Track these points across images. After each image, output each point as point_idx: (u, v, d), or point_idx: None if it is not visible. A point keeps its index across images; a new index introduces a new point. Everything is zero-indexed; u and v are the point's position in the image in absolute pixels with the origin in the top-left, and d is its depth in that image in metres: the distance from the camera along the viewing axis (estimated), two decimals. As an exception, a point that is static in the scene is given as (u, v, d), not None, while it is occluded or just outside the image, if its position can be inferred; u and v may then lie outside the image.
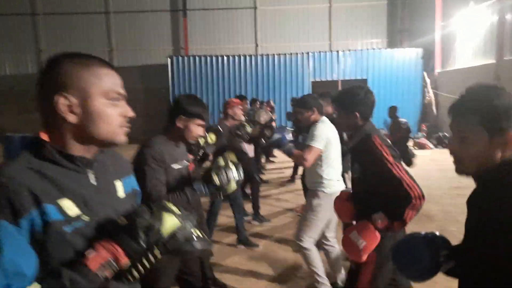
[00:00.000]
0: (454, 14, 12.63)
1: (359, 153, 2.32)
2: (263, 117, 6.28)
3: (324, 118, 3.37)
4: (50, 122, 1.01)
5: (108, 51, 17.21)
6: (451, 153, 1.23)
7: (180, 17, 16.99)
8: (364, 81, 14.53)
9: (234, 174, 2.19)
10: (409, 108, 14.07)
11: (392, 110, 8.45)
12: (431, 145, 12.06)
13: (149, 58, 17.21)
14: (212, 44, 17.14)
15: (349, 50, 15.05)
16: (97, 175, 1.08)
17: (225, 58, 14.89)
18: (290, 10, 16.98)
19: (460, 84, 11.87)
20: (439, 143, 12.04)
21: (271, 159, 10.23)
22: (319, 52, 15.09)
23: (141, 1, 17.03)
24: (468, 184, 1.22)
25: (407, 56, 14.52)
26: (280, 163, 9.80)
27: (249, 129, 4.56)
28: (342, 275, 3.50)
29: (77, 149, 1.03)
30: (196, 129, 2.33)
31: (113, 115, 1.05)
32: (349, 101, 2.37)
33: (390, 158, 2.10)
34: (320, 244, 3.57)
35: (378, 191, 2.14)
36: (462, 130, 1.17)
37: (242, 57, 14.93)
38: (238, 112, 4.66)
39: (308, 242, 3.21)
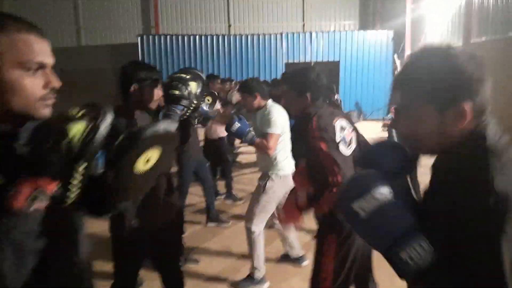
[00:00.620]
0: (424, -3, 12.83)
1: (302, 131, 2.25)
2: (235, 97, 6.25)
3: (271, 101, 3.33)
4: None
5: (76, 29, 16.59)
6: (402, 136, 1.05)
7: (150, -6, 16.53)
8: (337, 63, 14.64)
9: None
10: (380, 90, 14.29)
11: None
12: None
13: (118, 37, 16.70)
14: (183, 23, 16.78)
15: (322, 32, 15.07)
16: (20, 145, 1.00)
17: (197, 37, 14.61)
18: (264, -11, 16.78)
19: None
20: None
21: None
22: (293, 33, 15.03)
23: (109, -23, 16.42)
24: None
25: (379, 38, 14.67)
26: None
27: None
28: (296, 250, 3.62)
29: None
30: (152, 94, 2.24)
31: (31, 87, 0.95)
32: (300, 83, 2.28)
33: (318, 143, 2.06)
34: (272, 224, 3.64)
35: (310, 170, 2.15)
36: (407, 107, 0.99)
37: (214, 37, 14.69)
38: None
39: (258, 226, 3.21)
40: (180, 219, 2.69)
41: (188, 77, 2.41)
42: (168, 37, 14.60)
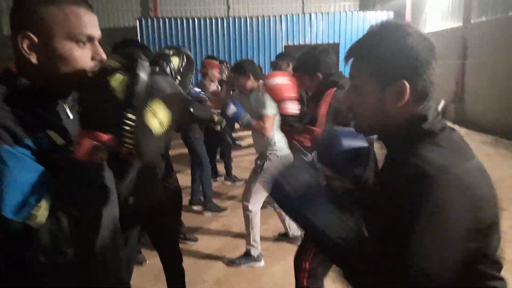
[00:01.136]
0: (425, -24, 12.66)
1: (315, 100, 2.34)
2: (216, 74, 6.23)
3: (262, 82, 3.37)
4: (19, 58, 0.97)
5: (73, 12, 16.47)
6: (347, 106, 1.04)
7: (148, -24, 16.33)
8: (337, 45, 14.53)
9: None
10: (380, 72, 14.26)
11: None
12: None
13: (116, 20, 16.56)
14: (182, 6, 16.62)
15: (322, 13, 14.92)
16: (71, 108, 1.07)
17: (196, 20, 14.48)
18: (262, -30, 16.56)
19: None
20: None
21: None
22: (292, 14, 14.89)
23: (106, -41, 16.20)
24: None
25: (379, 19, 14.45)
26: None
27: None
28: (293, 230, 3.69)
29: (47, 85, 0.99)
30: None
31: (80, 58, 0.98)
32: (309, 64, 2.35)
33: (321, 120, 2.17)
34: (270, 202, 3.71)
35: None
36: (354, 77, 0.99)
37: (213, 20, 14.57)
38: (216, 74, 4.68)
39: (255, 205, 3.27)
40: (178, 198, 2.76)
41: (170, 52, 2.44)
42: (167, 20, 14.48)
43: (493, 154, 6.95)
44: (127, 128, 0.90)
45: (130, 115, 0.89)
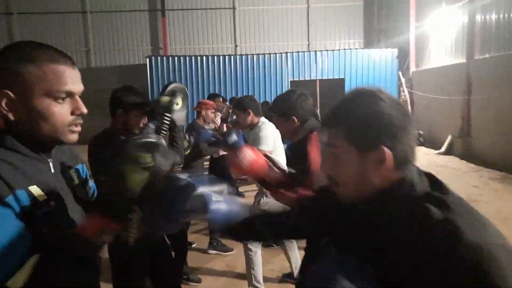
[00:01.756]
0: (427, 15, 12.96)
1: (300, 149, 2.21)
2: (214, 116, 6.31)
3: (263, 119, 3.43)
4: (3, 118, 1.00)
5: (86, 51, 17.00)
6: (326, 176, 1.00)
7: (159, 17, 16.91)
8: (342, 80, 14.76)
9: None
10: (386, 107, 14.40)
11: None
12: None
13: (127, 58, 17.08)
14: (191, 44, 17.12)
15: (327, 50, 15.25)
16: (54, 164, 1.09)
17: (204, 58, 14.88)
18: (269, 10, 17.10)
19: (434, 82, 12.27)
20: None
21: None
22: (298, 52, 15.24)
23: (119, 1, 16.88)
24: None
25: (383, 55, 14.81)
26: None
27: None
28: (297, 264, 3.59)
29: (30, 140, 1.02)
30: (137, 120, 2.37)
31: (59, 114, 1.00)
32: (284, 107, 2.29)
33: (314, 165, 2.05)
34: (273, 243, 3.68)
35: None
36: (332, 146, 0.97)
37: (221, 57, 14.95)
38: (210, 115, 4.74)
39: (255, 244, 3.26)
40: (182, 239, 2.77)
41: (163, 99, 2.55)
42: (176, 58, 14.90)
43: (502, 190, 6.86)
44: (134, 222, 1.00)
45: (138, 211, 0.99)
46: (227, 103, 8.02)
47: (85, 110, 1.05)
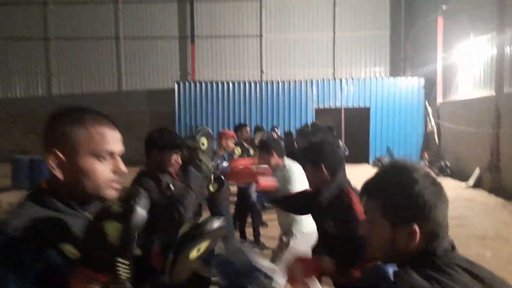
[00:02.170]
0: (455, 45, 12.90)
1: (333, 209, 2.25)
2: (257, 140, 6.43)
3: (287, 160, 3.50)
4: (51, 177, 1.09)
5: (117, 75, 17.64)
6: (364, 235, 1.12)
7: (188, 43, 17.45)
8: (367, 109, 14.75)
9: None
10: (412, 136, 14.30)
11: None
12: (432, 174, 12.16)
13: (156, 82, 17.60)
14: (218, 70, 17.52)
15: (352, 78, 15.33)
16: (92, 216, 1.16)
17: (230, 84, 15.21)
18: (295, 38, 17.40)
19: (461, 114, 12.11)
20: (441, 171, 12.15)
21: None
22: (323, 79, 15.39)
23: (151, 28, 17.53)
24: (469, 215, 1.14)
25: (409, 85, 14.76)
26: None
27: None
28: None
29: (72, 198, 1.10)
30: (170, 159, 2.50)
31: (101, 172, 1.08)
32: (315, 154, 2.36)
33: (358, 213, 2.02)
34: None
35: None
36: (369, 212, 1.09)
37: (247, 84, 15.25)
38: (230, 145, 4.86)
39: (279, 280, 3.27)
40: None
41: (199, 144, 2.66)
42: (203, 83, 15.29)
43: (533, 228, 6.65)
44: (121, 272, 0.96)
45: (122, 261, 0.95)
46: (252, 132, 8.17)
47: (125, 171, 1.14)
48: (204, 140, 2.52)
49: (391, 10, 17.26)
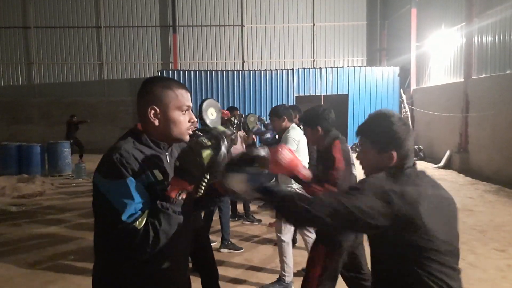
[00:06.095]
0: (428, 35, 13.61)
1: (323, 153, 2.76)
2: (251, 124, 6.80)
3: (294, 124, 3.98)
4: (144, 121, 1.48)
5: (99, 64, 17.65)
6: (359, 161, 1.66)
7: (170, 32, 17.61)
8: (345, 96, 15.34)
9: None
10: (387, 123, 14.94)
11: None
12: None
13: (138, 71, 17.71)
14: (200, 59, 17.78)
15: (331, 67, 15.87)
16: (169, 157, 1.56)
17: (213, 73, 15.50)
18: (276, 28, 17.80)
19: (433, 100, 12.83)
20: (415, 155, 12.84)
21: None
22: (303, 68, 15.88)
23: (132, 17, 17.60)
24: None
25: (385, 73, 15.43)
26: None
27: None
28: None
29: (160, 139, 1.49)
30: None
31: (183, 121, 1.48)
32: (311, 118, 2.84)
33: (339, 165, 2.55)
34: (301, 234, 4.14)
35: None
36: (363, 145, 1.61)
37: (229, 72, 15.57)
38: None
39: (287, 234, 3.73)
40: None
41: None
42: (186, 72, 15.53)
43: (495, 201, 7.34)
44: (203, 184, 1.40)
45: (207, 177, 1.39)
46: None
47: (195, 119, 1.56)
48: (212, 111, 2.91)
49: (368, 1, 17.86)
